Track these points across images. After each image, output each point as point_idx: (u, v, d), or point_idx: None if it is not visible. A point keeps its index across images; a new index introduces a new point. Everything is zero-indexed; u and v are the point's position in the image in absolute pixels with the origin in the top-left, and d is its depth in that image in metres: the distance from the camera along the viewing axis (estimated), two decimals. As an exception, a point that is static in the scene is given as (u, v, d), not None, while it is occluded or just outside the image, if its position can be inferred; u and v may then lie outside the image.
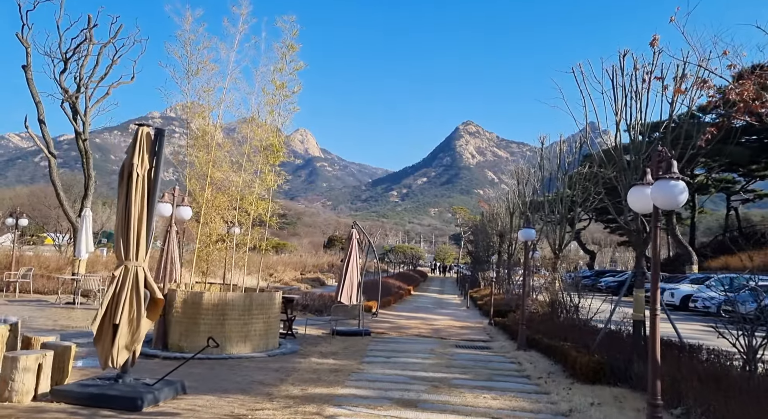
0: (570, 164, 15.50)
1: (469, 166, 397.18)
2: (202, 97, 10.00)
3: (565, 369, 8.74)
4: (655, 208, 4.69)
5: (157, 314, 6.47)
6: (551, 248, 15.56)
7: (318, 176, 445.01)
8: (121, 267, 6.22)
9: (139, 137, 6.43)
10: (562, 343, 9.57)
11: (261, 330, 9.46)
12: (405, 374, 8.20)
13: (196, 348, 8.78)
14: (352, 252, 12.73)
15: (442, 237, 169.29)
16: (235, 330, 9.13)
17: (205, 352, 8.65)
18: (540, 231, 16.66)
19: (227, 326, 9.07)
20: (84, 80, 18.10)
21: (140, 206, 6.32)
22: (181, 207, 9.42)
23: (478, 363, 9.54)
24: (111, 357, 6.04)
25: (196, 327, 8.97)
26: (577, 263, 49.10)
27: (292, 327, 11.30)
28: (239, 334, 9.16)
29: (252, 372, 7.87)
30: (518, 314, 13.30)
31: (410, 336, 12.83)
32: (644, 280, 9.26)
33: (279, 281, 26.97)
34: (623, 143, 18.11)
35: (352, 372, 8.11)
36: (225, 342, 9.03)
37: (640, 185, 4.98)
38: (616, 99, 9.47)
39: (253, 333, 9.32)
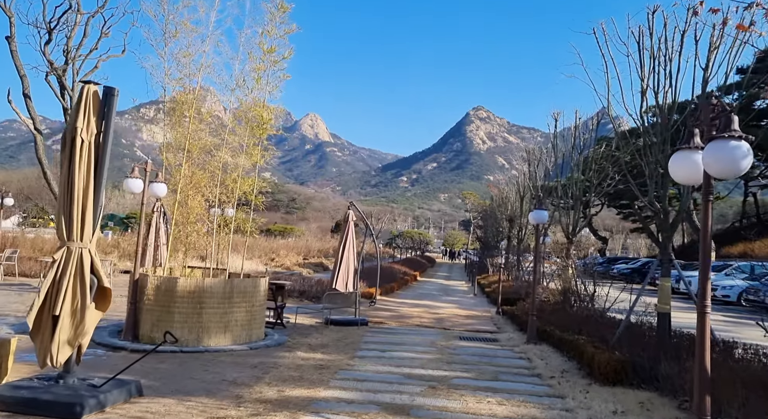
0: (585, 142, 14.38)
1: (480, 151, 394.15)
2: (181, 62, 9.01)
3: (580, 367, 7.78)
4: (708, 177, 3.69)
5: (106, 304, 5.56)
6: (564, 233, 14.51)
7: (328, 161, 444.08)
8: (63, 250, 5.31)
9: (84, 97, 5.47)
10: (577, 337, 8.60)
11: (243, 320, 8.56)
12: (400, 372, 7.27)
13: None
14: (348, 236, 11.78)
15: (452, 223, 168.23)
16: (213, 320, 8.24)
17: (179, 345, 7.81)
18: (551, 217, 15.62)
19: (205, 315, 8.17)
20: (72, 53, 17.16)
21: (86, 177, 5.39)
22: (154, 183, 8.48)
23: (483, 358, 8.60)
24: (50, 355, 5.15)
25: (170, 316, 8.08)
26: (588, 250, 47.93)
27: (282, 316, 10.40)
28: (218, 324, 8.27)
29: (227, 368, 6.98)
30: (528, 303, 12.32)
31: (411, 326, 11.91)
32: (670, 268, 8.23)
33: (280, 265, 26.14)
34: (636, 128, 16.96)
35: (340, 369, 7.19)
36: (202, 333, 8.14)
37: (686, 149, 3.96)
38: (643, 64, 8.37)
39: (234, 323, 8.42)
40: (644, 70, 8.33)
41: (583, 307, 11.71)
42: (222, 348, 8.06)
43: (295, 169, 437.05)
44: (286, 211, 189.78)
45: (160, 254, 12.36)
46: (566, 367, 7.93)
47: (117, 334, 8.50)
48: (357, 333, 10.32)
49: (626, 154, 11.02)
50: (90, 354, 7.39)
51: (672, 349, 7.29)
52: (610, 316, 10.56)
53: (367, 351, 8.55)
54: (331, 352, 8.36)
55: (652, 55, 8.21)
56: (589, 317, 10.60)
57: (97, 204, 5.46)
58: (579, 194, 14.16)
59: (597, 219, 53.19)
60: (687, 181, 4.13)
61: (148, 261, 12.32)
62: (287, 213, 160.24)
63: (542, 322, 10.47)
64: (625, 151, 11.14)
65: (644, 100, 8.32)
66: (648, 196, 8.40)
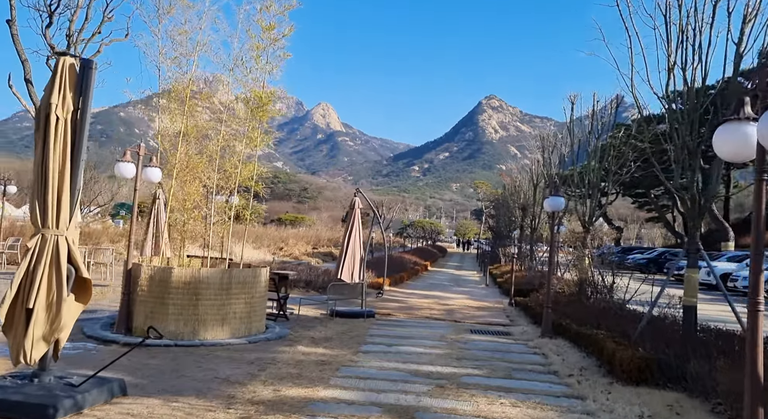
0: (604, 126, 13.72)
1: (492, 140, 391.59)
2: (176, 40, 8.52)
3: (600, 364, 7.26)
4: (762, 151, 3.15)
5: (87, 297, 5.12)
6: (580, 221, 13.94)
7: (339, 151, 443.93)
8: (37, 237, 4.87)
9: (60, 70, 5.01)
10: (596, 331, 8.06)
11: (242, 312, 8.13)
12: (406, 368, 6.80)
13: (164, 332, 7.48)
14: (354, 224, 11.30)
15: (464, 213, 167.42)
16: (210, 312, 7.81)
17: (173, 338, 7.41)
18: (566, 205, 15.02)
19: (201, 307, 7.75)
20: (74, 37, 16.73)
21: (61, 159, 4.94)
22: (148, 168, 8.04)
23: (495, 353, 8.10)
24: (23, 351, 4.74)
25: (164, 308, 7.67)
26: (603, 239, 47.09)
27: (284, 308, 9.97)
28: (215, 317, 7.84)
29: (221, 364, 6.55)
30: (542, 294, 11.80)
31: (420, 318, 11.44)
32: (697, 258, 7.66)
33: (289, 255, 25.79)
34: (656, 115, 16.13)
35: (342, 366, 6.74)
36: (198, 325, 7.72)
37: (735, 121, 3.41)
38: (670, 38, 7.74)
39: (232, 315, 7.99)
40: (671, 45, 7.71)
41: (600, 299, 11.16)
42: (219, 342, 7.63)
43: (306, 158, 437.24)
44: (298, 201, 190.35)
45: (162, 243, 11.98)
46: (585, 364, 7.41)
47: (110, 327, 8.12)
48: (363, 325, 9.87)
49: (648, 138, 10.37)
50: (79, 348, 7.02)
51: (700, 346, 6.74)
52: (630, 309, 10.01)
53: (373, 346, 8.09)
54: (334, 346, 7.91)
55: (681, 28, 7.59)
56: (608, 310, 10.05)
57: (75, 187, 5.02)
58: (596, 181, 13.56)
59: (611, 209, 52.25)
60: (735, 158, 3.58)
61: (148, 251, 11.96)
62: (299, 203, 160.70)
63: (557, 315, 9.95)
64: (647, 134, 10.50)
65: (671, 77, 7.70)
66: (674, 182, 7.82)
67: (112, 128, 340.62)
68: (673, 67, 7.78)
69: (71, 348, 6.84)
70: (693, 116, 7.54)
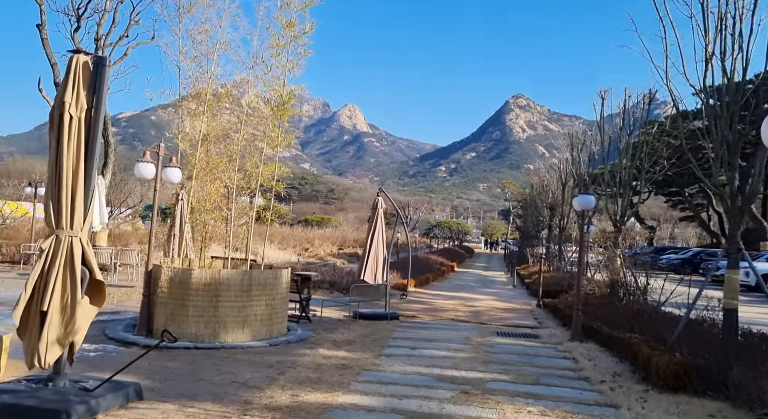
0: (636, 122, 13.24)
1: (519, 140, 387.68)
2: (196, 39, 8.45)
3: (634, 369, 6.92)
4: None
5: (101, 299, 5.03)
6: (612, 221, 13.48)
7: (366, 152, 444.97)
8: (51, 238, 4.79)
9: (73, 68, 4.92)
10: (630, 335, 7.71)
11: (263, 314, 8.00)
12: (430, 372, 6.57)
13: (184, 334, 7.44)
14: (377, 224, 11.11)
15: (491, 213, 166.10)
16: (230, 314, 7.70)
17: (193, 340, 7.32)
18: (596, 205, 14.56)
19: (221, 309, 7.64)
20: (102, 40, 16.95)
21: (75, 158, 4.86)
22: (168, 168, 7.97)
23: (522, 357, 7.82)
24: (38, 354, 4.66)
25: (184, 310, 7.59)
26: (634, 239, 46.03)
27: (307, 310, 9.83)
28: (236, 319, 7.73)
29: (241, 367, 6.42)
30: (571, 295, 11.43)
31: (445, 320, 11.18)
32: (738, 259, 7.25)
33: (314, 256, 25.74)
34: (692, 110, 15.45)
35: (363, 370, 6.55)
36: (218, 328, 7.62)
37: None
38: (707, 27, 7.35)
39: (253, 317, 7.87)
40: (709, 35, 7.32)
41: (633, 301, 10.74)
42: (239, 345, 7.52)
43: (333, 160, 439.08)
44: (325, 202, 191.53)
45: (185, 244, 11.97)
46: (617, 370, 7.08)
47: (132, 328, 8.07)
48: (386, 328, 9.67)
49: (683, 134, 9.93)
50: (100, 350, 6.97)
51: (743, 351, 6.36)
52: (664, 311, 9.59)
53: (396, 349, 7.88)
54: (356, 350, 7.72)
55: (719, 16, 7.19)
56: (641, 312, 9.65)
57: (89, 187, 4.93)
58: (628, 179, 13.10)
59: (643, 208, 51.05)
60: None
61: (173, 252, 11.96)
62: (326, 204, 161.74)
63: (588, 317, 9.60)
64: (682, 130, 10.05)
65: (708, 68, 7.31)
66: (712, 179, 7.42)
67: (143, 131, 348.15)
68: (711, 58, 7.39)
69: (92, 351, 6.81)
70: (733, 109, 7.15)
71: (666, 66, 7.78)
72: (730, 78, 7.16)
